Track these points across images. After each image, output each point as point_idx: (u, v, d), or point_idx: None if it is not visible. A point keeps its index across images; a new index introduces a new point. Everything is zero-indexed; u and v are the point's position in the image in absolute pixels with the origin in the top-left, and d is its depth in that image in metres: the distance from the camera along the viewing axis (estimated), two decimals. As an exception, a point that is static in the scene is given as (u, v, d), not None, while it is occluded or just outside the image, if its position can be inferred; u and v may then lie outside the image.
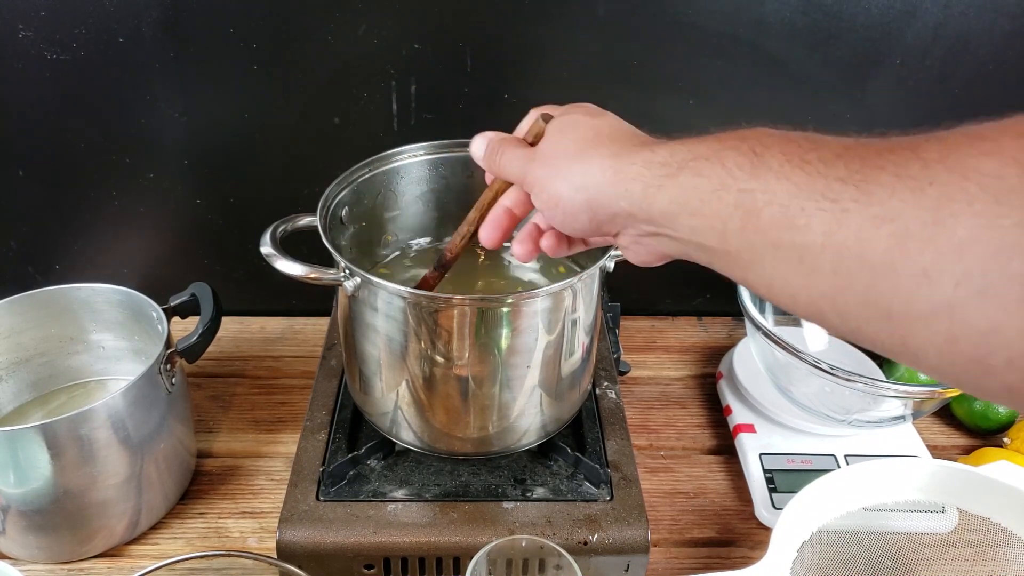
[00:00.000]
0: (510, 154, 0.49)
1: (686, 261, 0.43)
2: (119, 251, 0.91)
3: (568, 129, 0.46)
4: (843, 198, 0.31)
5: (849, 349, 0.86)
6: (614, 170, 0.42)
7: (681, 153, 0.39)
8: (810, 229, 0.32)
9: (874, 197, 0.30)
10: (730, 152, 0.36)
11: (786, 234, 0.33)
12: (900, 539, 0.66)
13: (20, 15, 0.75)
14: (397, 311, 0.58)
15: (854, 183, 0.31)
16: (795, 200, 0.33)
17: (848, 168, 0.32)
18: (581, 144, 0.44)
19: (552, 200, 0.45)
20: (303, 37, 0.78)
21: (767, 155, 0.35)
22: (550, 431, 0.67)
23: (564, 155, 0.45)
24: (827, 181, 0.32)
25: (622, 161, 0.41)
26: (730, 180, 0.36)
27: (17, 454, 0.59)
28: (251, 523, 0.71)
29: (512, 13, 0.78)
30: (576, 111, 0.48)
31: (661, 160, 0.39)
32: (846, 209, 0.31)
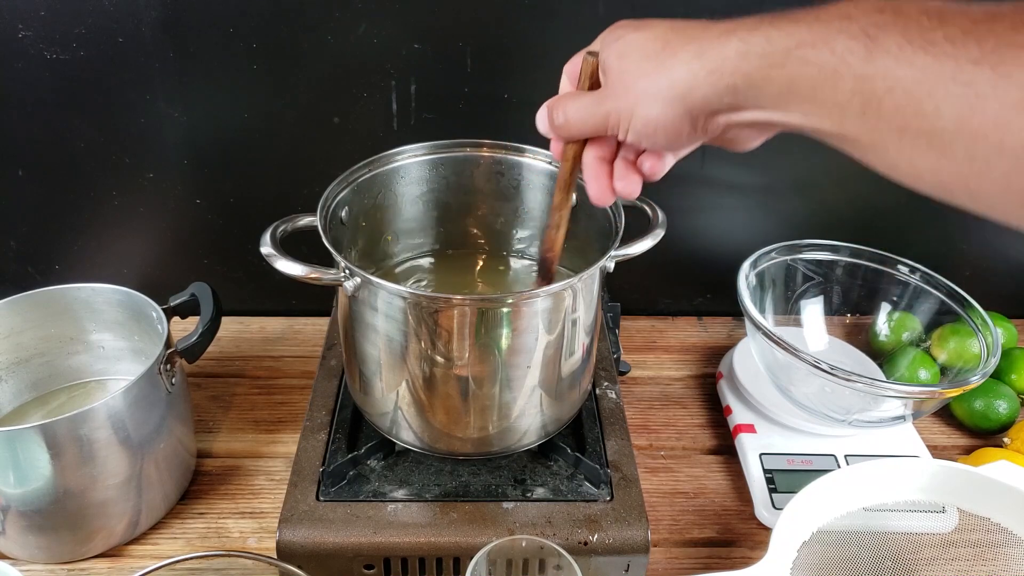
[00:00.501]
0: (575, 107, 0.46)
1: (686, 261, 0.43)
2: (119, 251, 0.91)
3: (629, 51, 0.42)
4: (978, 81, 0.29)
5: (849, 349, 0.86)
6: (707, 70, 0.38)
7: (780, 40, 0.36)
8: (940, 115, 0.31)
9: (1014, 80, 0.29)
10: (839, 36, 0.34)
11: (912, 120, 0.32)
12: (900, 539, 0.66)
13: (20, 15, 0.75)
14: (397, 311, 0.58)
15: (989, 65, 0.29)
16: (921, 85, 0.31)
17: (981, 48, 0.30)
18: (654, 58, 0.41)
19: (650, 125, 0.42)
20: (303, 37, 0.78)
21: (883, 37, 0.32)
22: (550, 431, 0.67)
23: (643, 74, 0.41)
24: (958, 64, 0.30)
25: (711, 58, 0.38)
26: (844, 67, 0.33)
27: (17, 454, 0.59)
28: (251, 523, 0.71)
29: (512, 13, 0.78)
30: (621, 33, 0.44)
31: (759, 50, 0.36)
32: (982, 94, 0.29)
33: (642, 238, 0.65)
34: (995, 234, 0.94)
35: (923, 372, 0.80)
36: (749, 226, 0.92)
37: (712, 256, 0.93)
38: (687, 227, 0.91)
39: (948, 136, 0.31)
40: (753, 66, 0.37)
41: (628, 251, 0.64)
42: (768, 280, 0.84)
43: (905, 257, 0.83)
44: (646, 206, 0.68)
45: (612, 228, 0.63)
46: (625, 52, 0.43)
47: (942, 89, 0.30)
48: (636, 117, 0.42)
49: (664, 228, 0.66)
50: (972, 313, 0.78)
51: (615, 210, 0.64)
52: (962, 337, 0.79)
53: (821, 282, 0.86)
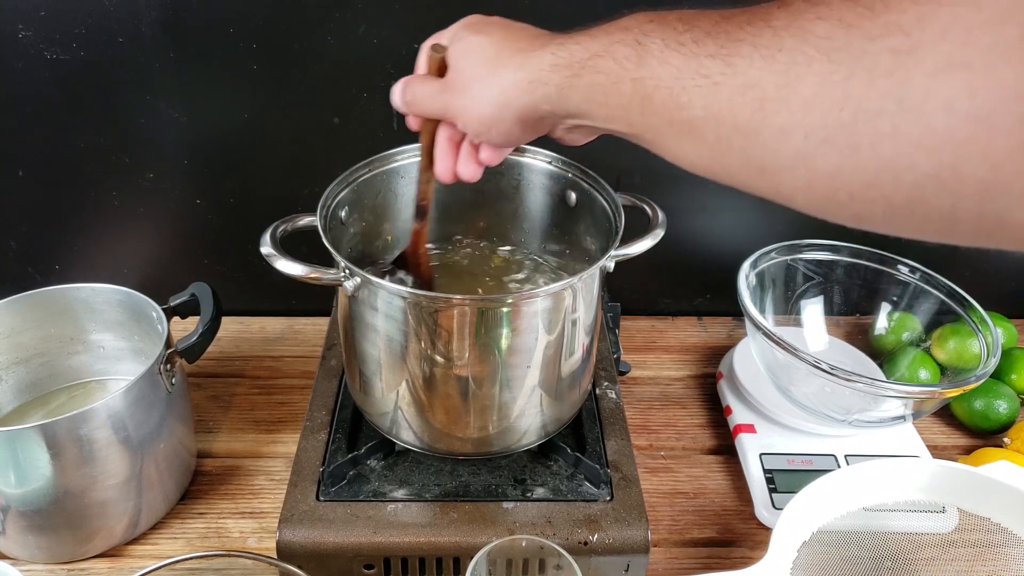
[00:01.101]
0: (422, 91, 0.52)
1: (686, 261, 0.45)
2: (119, 251, 0.91)
3: (468, 52, 0.48)
4: (714, 73, 0.35)
5: (849, 349, 0.86)
6: (528, 80, 0.45)
7: (579, 52, 0.42)
8: (692, 105, 0.36)
9: (738, 68, 0.34)
10: (618, 46, 0.40)
11: (676, 112, 0.37)
12: (900, 539, 0.66)
13: (20, 15, 0.75)
14: (397, 311, 0.58)
15: (721, 58, 0.35)
16: (677, 81, 0.37)
17: (716, 44, 0.35)
18: (488, 63, 0.47)
19: (483, 124, 0.48)
20: (303, 37, 0.78)
21: (648, 43, 0.38)
22: (550, 431, 0.67)
23: (477, 78, 0.47)
24: (699, 60, 0.36)
25: (531, 69, 0.44)
26: (623, 72, 0.39)
27: (17, 454, 0.59)
28: (251, 523, 0.71)
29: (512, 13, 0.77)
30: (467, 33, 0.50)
31: (564, 62, 0.43)
32: (717, 83, 0.35)
33: (642, 238, 0.65)
34: (995, 234, 0.94)
35: (923, 372, 0.80)
36: (749, 226, 0.92)
37: (712, 256, 0.93)
38: (687, 227, 0.91)
39: (699, 123, 0.36)
40: (561, 76, 0.43)
41: (628, 251, 0.64)
42: (768, 280, 0.84)
43: (905, 257, 0.83)
44: (646, 206, 0.68)
45: (612, 228, 0.63)
46: (466, 53, 0.49)
47: (691, 82, 0.36)
48: (470, 116, 0.49)
49: (664, 228, 0.66)
50: (972, 313, 0.78)
51: (615, 210, 0.64)
52: (962, 337, 0.79)
53: (821, 282, 0.86)
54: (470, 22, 0.52)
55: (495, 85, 0.46)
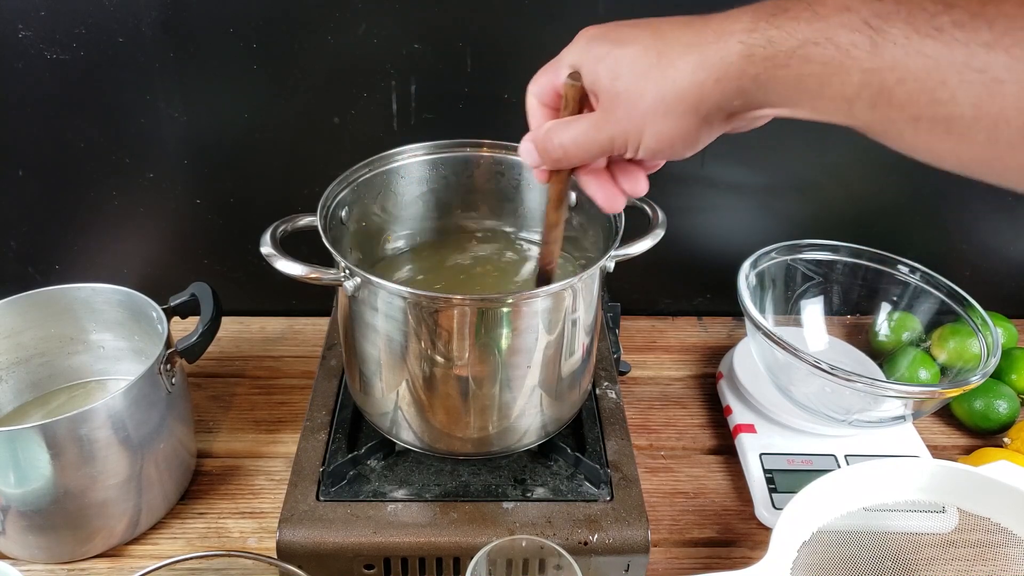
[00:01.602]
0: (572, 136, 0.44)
1: (686, 261, 0.42)
2: (119, 251, 0.91)
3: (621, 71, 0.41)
4: (994, 66, 0.29)
5: (849, 349, 0.86)
6: (714, 78, 0.37)
7: (782, 40, 0.35)
8: (956, 102, 0.30)
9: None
10: (841, 30, 0.33)
11: (927, 108, 0.31)
12: (900, 539, 0.66)
13: (20, 15, 0.75)
14: (397, 311, 0.58)
15: (1003, 48, 0.28)
16: (933, 74, 0.30)
17: (992, 31, 0.29)
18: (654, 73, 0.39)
19: (665, 140, 0.41)
20: (303, 37, 0.78)
21: (887, 27, 0.31)
22: (550, 431, 0.67)
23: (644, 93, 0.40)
24: (969, 49, 0.29)
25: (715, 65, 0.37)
26: (850, 62, 0.33)
27: (17, 454, 0.59)
28: (251, 523, 0.71)
29: (512, 13, 0.78)
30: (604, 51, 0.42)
31: (763, 53, 0.36)
32: (999, 79, 0.29)
33: (642, 238, 0.65)
34: (995, 234, 0.94)
35: (923, 372, 0.80)
36: (749, 226, 0.92)
37: (712, 256, 0.93)
38: (687, 227, 0.91)
39: (967, 122, 0.30)
40: (759, 68, 0.36)
41: (628, 251, 0.64)
42: (768, 280, 0.84)
43: (905, 257, 0.83)
44: (646, 206, 0.68)
45: (612, 228, 0.63)
46: (617, 72, 0.41)
47: (955, 76, 0.30)
48: (647, 136, 0.41)
49: (664, 228, 0.66)
50: (972, 313, 0.78)
51: (615, 210, 0.64)
52: (962, 337, 0.79)
53: (821, 282, 0.86)
54: (595, 36, 0.44)
55: (669, 92, 0.39)
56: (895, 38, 0.31)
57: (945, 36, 0.30)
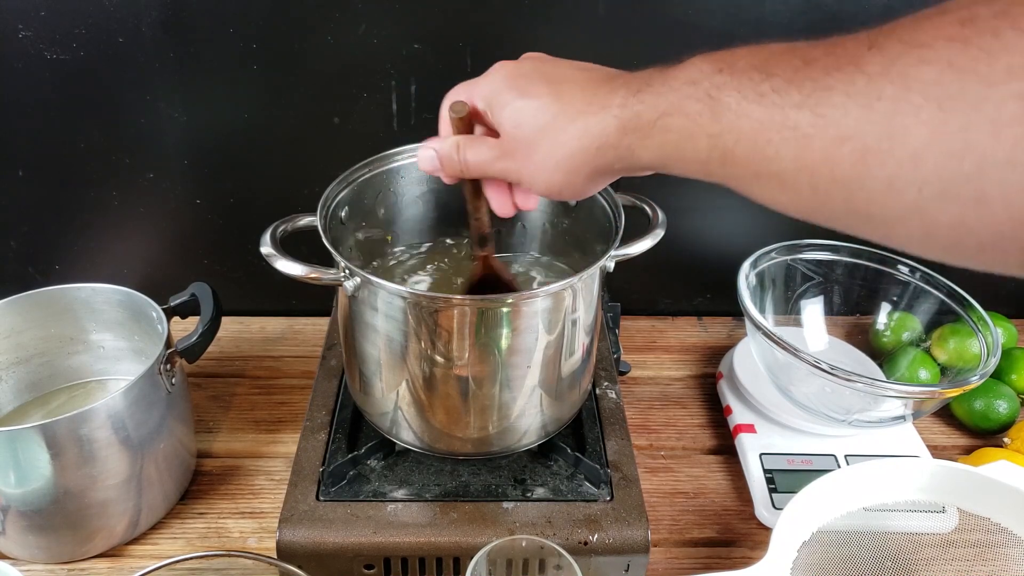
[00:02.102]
0: (478, 156, 0.50)
1: (686, 261, 0.44)
2: (119, 251, 0.91)
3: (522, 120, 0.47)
4: (802, 124, 0.33)
5: (849, 349, 0.86)
6: (596, 146, 0.43)
7: (645, 112, 0.40)
8: (780, 157, 0.34)
9: (830, 119, 0.32)
10: (689, 101, 0.38)
11: (761, 165, 0.35)
12: (900, 539, 0.66)
13: (20, 15, 0.75)
14: (397, 311, 0.58)
15: (809, 108, 0.33)
16: (760, 134, 0.35)
17: (801, 93, 0.33)
18: (548, 131, 0.45)
19: (553, 187, 0.47)
20: (303, 37, 0.78)
21: (722, 96, 0.36)
22: (550, 431, 0.67)
23: (537, 147, 0.46)
24: (784, 111, 0.33)
25: (596, 134, 0.43)
26: (697, 128, 0.38)
27: (17, 454, 0.59)
28: (251, 523, 0.71)
29: (512, 13, 0.78)
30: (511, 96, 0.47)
31: (631, 124, 0.41)
32: (808, 135, 0.33)
33: (642, 238, 0.65)
34: (995, 234, 0.94)
35: (923, 372, 0.80)
36: (749, 226, 0.92)
37: (712, 256, 0.93)
38: (687, 227, 0.91)
39: (791, 175, 0.34)
40: (631, 139, 0.42)
41: (628, 251, 0.64)
42: (768, 280, 0.84)
43: (905, 257, 0.83)
44: (646, 206, 0.68)
45: (612, 228, 0.63)
46: (518, 121, 0.47)
47: (776, 135, 0.34)
48: (538, 181, 0.48)
49: (664, 228, 0.66)
50: (972, 313, 0.78)
51: (615, 210, 0.64)
52: (962, 337, 0.79)
53: (821, 282, 0.86)
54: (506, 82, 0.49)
55: (559, 151, 0.45)
56: (728, 105, 0.36)
57: (766, 100, 0.34)
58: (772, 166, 0.35)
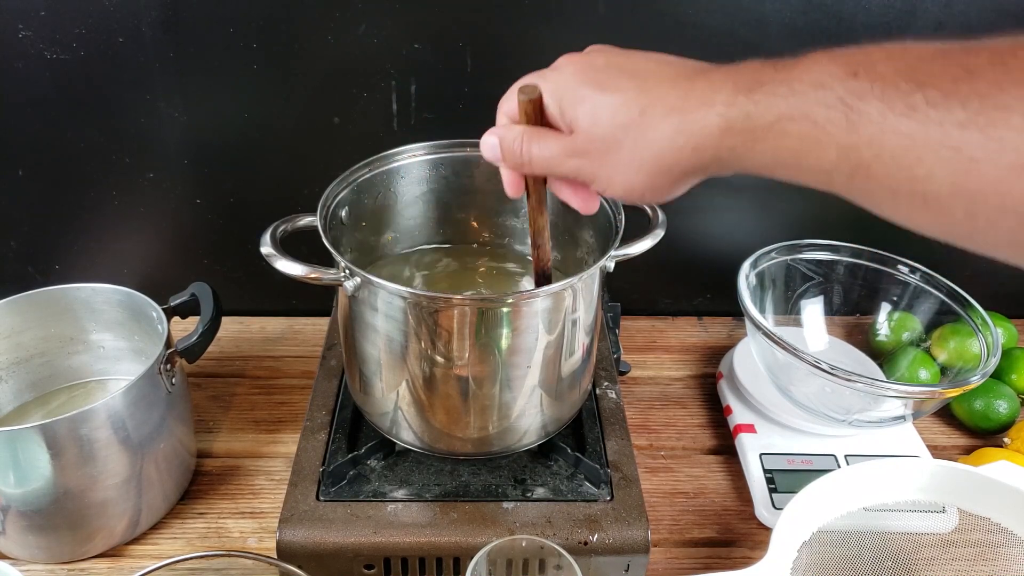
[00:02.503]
0: (545, 152, 0.45)
1: (686, 261, 0.42)
2: (119, 251, 0.91)
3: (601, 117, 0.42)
4: (969, 145, 0.29)
5: (849, 349, 0.86)
6: (692, 146, 0.38)
7: (759, 116, 0.36)
8: (933, 178, 0.30)
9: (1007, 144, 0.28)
10: (817, 107, 0.33)
11: (904, 184, 0.31)
12: (900, 539, 0.66)
13: (20, 15, 0.75)
14: (397, 311, 0.58)
15: (978, 128, 0.29)
16: (909, 152, 0.31)
17: (966, 110, 0.29)
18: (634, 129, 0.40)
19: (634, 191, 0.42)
20: (303, 37, 0.78)
21: (862, 105, 0.32)
22: (550, 431, 0.67)
23: (619, 146, 0.41)
24: (944, 128, 0.29)
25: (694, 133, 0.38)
26: (826, 137, 0.33)
27: (17, 454, 0.59)
28: (251, 523, 0.71)
29: (512, 13, 0.78)
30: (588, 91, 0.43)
31: (740, 126, 0.36)
32: (975, 158, 0.29)
33: (642, 238, 0.65)
34: (995, 234, 0.94)
35: (923, 372, 0.80)
36: (749, 226, 0.92)
37: (712, 256, 0.93)
38: (687, 227, 0.91)
39: (944, 198, 0.31)
40: (736, 141, 0.37)
41: (628, 251, 0.64)
42: (768, 280, 0.84)
43: (905, 257, 0.83)
44: (646, 206, 0.68)
45: (612, 228, 0.63)
46: (597, 119, 0.42)
47: (932, 155, 0.30)
48: (617, 183, 0.43)
49: (664, 228, 0.66)
50: (972, 313, 0.78)
51: (615, 210, 0.64)
52: (962, 337, 0.79)
53: (821, 282, 0.86)
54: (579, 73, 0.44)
55: (646, 151, 0.40)
56: (870, 116, 0.32)
57: (919, 115, 0.30)
58: (919, 186, 0.31)
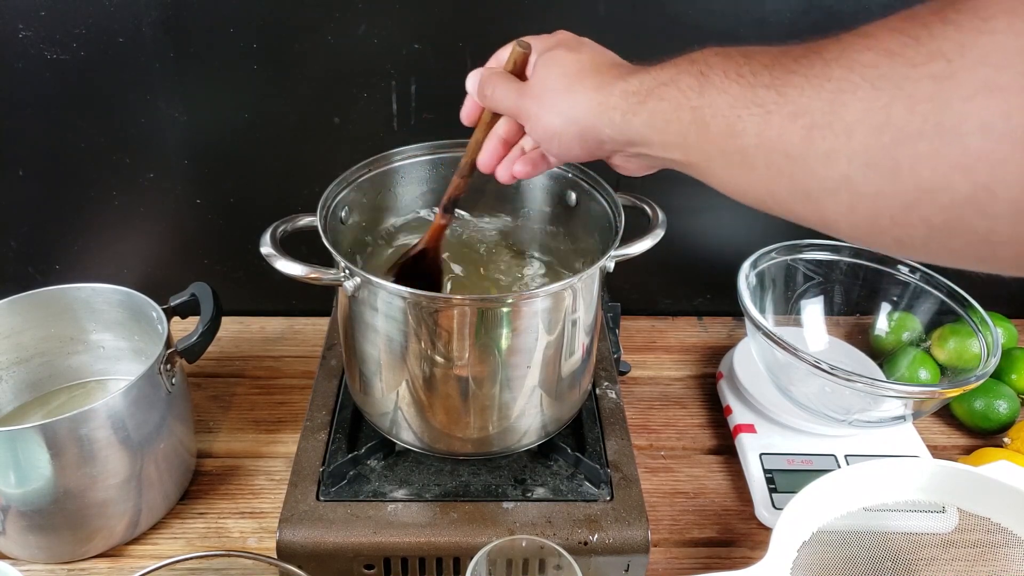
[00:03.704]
0: (502, 87, 0.53)
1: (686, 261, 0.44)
2: (119, 251, 0.91)
3: (553, 64, 0.50)
4: (767, 102, 0.37)
5: (849, 349, 0.86)
6: (597, 102, 0.46)
7: (648, 81, 0.44)
8: (746, 133, 0.38)
9: (788, 97, 0.36)
10: (683, 76, 0.42)
11: (729, 140, 0.39)
12: (900, 539, 0.66)
13: (20, 15, 0.75)
14: (397, 311, 0.58)
15: (775, 88, 0.36)
16: (733, 110, 0.38)
17: (771, 75, 0.37)
18: (568, 79, 0.49)
19: (548, 132, 0.49)
20: (303, 37, 0.78)
21: (711, 74, 0.40)
22: (550, 431, 0.67)
23: (553, 89, 0.49)
24: (755, 90, 0.37)
25: (604, 93, 0.46)
26: (684, 100, 0.41)
27: (17, 454, 0.59)
28: (251, 523, 0.71)
29: (512, 13, 0.78)
30: (558, 47, 0.51)
31: (633, 89, 0.44)
32: (769, 111, 0.36)
33: (642, 238, 0.65)
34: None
35: (923, 372, 0.80)
36: (749, 226, 0.92)
37: (712, 256, 0.93)
38: (687, 227, 0.91)
39: (752, 150, 0.38)
40: (628, 103, 0.45)
41: (628, 251, 0.64)
42: (768, 280, 0.84)
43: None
44: (646, 206, 0.68)
45: (612, 228, 0.63)
46: (551, 64, 0.50)
47: (745, 111, 0.38)
48: (539, 122, 0.50)
49: (664, 228, 0.66)
50: (972, 313, 0.78)
51: (615, 210, 0.64)
52: (962, 337, 0.79)
53: (821, 282, 0.86)
54: (565, 39, 0.53)
55: (567, 100, 0.48)
56: (714, 82, 0.40)
57: (743, 80, 0.38)
58: (737, 141, 0.38)
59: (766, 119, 0.37)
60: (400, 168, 0.71)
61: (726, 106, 0.39)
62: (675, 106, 0.42)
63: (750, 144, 0.38)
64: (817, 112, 0.34)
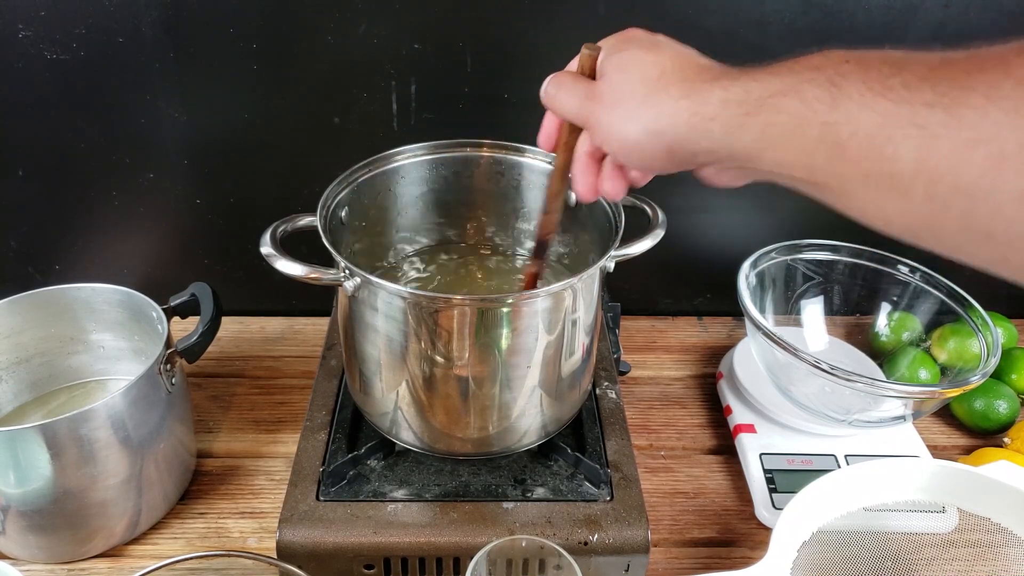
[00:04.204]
0: (568, 87, 0.48)
1: (686, 261, 0.43)
2: (119, 251, 0.91)
3: (629, 67, 0.44)
4: (932, 123, 0.31)
5: (849, 349, 0.86)
6: (690, 112, 0.40)
7: (756, 90, 0.38)
8: (899, 157, 0.32)
9: (965, 121, 0.30)
10: (807, 85, 0.35)
11: (875, 164, 0.33)
12: (900, 539, 0.66)
13: (20, 15, 0.75)
14: (397, 311, 0.58)
15: (943, 107, 0.31)
16: (881, 130, 0.32)
17: (935, 91, 0.31)
18: (648, 84, 0.42)
19: (625, 144, 0.44)
20: (303, 37, 0.78)
21: (846, 84, 0.34)
22: (550, 431, 0.67)
23: (632, 96, 0.43)
24: (913, 108, 0.31)
25: (696, 101, 0.40)
26: (811, 114, 0.35)
27: (17, 454, 0.59)
28: (251, 523, 0.71)
29: (512, 13, 0.78)
30: (631, 46, 0.46)
31: (737, 99, 0.38)
32: (936, 135, 0.31)
33: (642, 238, 0.65)
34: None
35: (923, 372, 0.80)
36: (749, 226, 0.92)
37: (712, 256, 0.93)
38: (687, 227, 0.91)
39: (907, 178, 0.32)
40: (731, 113, 0.39)
41: (628, 251, 0.64)
42: (768, 280, 0.84)
43: (905, 257, 0.83)
44: (646, 206, 0.68)
45: (612, 228, 0.63)
46: (625, 67, 0.44)
47: (900, 132, 0.32)
48: (613, 132, 0.44)
49: (664, 228, 0.66)
50: (972, 313, 0.78)
51: (615, 210, 0.64)
52: (962, 337, 0.79)
53: (821, 282, 0.86)
54: (636, 36, 0.47)
55: (650, 109, 0.42)
56: (851, 94, 0.34)
57: (893, 95, 0.32)
58: (887, 166, 0.32)
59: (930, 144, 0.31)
60: (400, 168, 0.71)
61: (871, 124, 0.33)
62: (797, 120, 0.36)
63: (905, 170, 0.32)
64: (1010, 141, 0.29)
